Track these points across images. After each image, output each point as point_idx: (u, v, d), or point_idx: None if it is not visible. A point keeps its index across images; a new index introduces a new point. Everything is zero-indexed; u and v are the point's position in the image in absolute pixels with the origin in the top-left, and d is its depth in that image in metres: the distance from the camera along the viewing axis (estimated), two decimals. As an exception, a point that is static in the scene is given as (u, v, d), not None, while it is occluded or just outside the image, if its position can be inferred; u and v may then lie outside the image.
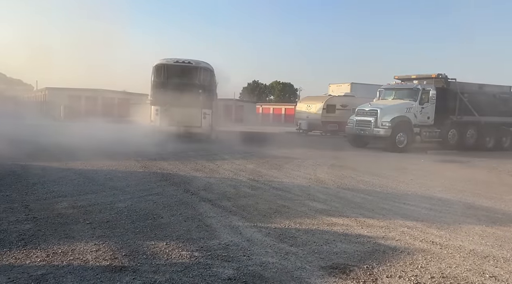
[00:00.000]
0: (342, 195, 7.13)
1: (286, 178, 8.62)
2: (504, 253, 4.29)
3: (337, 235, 4.77)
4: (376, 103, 16.44)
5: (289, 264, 3.80)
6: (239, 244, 4.32)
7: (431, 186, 8.38)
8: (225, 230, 4.81)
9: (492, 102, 17.38)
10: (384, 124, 14.98)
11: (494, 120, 17.25)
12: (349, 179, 8.84)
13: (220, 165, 10.04)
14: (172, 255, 3.94)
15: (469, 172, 10.75)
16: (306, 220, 5.34)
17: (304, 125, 22.90)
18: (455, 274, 3.69)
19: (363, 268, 3.77)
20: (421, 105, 15.55)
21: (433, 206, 6.47)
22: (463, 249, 4.37)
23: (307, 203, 6.34)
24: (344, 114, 20.78)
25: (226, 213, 5.58)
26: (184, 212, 5.52)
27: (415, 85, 16.17)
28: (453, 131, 16.46)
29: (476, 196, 7.48)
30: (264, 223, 5.16)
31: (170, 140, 14.90)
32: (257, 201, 6.35)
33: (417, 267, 3.82)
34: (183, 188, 7.11)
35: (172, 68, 15.48)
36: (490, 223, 5.48)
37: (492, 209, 6.46)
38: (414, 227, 5.20)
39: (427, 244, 4.53)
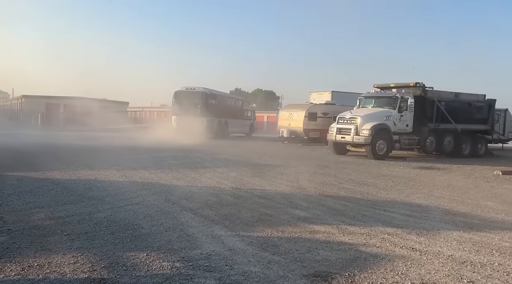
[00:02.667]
0: (324, 202, 7.18)
1: (269, 186, 8.62)
2: (481, 258, 4.38)
3: (319, 242, 4.79)
4: (356, 111, 16.68)
5: (272, 273, 3.79)
6: (221, 253, 4.28)
7: (410, 192, 8.53)
8: (207, 239, 4.77)
9: (468, 110, 17.91)
10: (364, 131, 15.20)
11: (469, 127, 17.74)
12: (330, 186, 8.91)
13: (202, 174, 9.97)
14: (152, 266, 3.87)
15: (446, 178, 11.00)
16: (289, 228, 5.35)
17: (286, 133, 23.00)
18: (434, 280, 3.75)
19: (344, 275, 3.79)
20: (400, 113, 15.86)
21: (413, 213, 6.58)
22: (441, 255, 4.45)
23: (290, 211, 6.35)
24: (325, 122, 21.00)
25: (208, 222, 5.54)
26: (165, 222, 5.44)
27: (394, 93, 16.52)
28: (431, 138, 16.83)
29: (454, 202, 7.65)
30: (247, 231, 5.14)
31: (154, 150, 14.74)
32: (239, 209, 6.33)
33: (398, 274, 3.87)
34: (164, 198, 7.02)
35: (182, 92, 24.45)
36: (467, 229, 5.60)
37: (469, 215, 6.61)
38: (395, 233, 5.27)
39: (407, 251, 4.59)
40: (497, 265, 4.18)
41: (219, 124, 24.77)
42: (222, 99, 26.79)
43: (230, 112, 27.50)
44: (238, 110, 29.69)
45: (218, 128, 24.53)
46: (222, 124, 25.25)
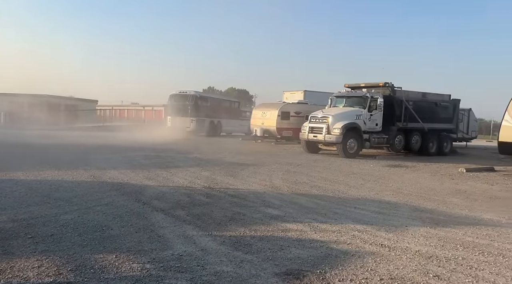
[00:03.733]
0: (296, 200, 7.24)
1: (242, 185, 8.61)
2: (446, 253, 4.54)
3: (291, 241, 4.82)
4: (328, 110, 16.92)
5: (244, 272, 3.78)
6: (193, 254, 4.23)
7: (379, 190, 8.74)
8: (178, 240, 4.70)
9: (434, 109, 18.53)
10: (335, 130, 15.45)
11: (436, 126, 18.36)
12: (303, 184, 9.00)
13: (174, 173, 9.83)
14: (122, 268, 3.78)
15: (414, 176, 11.34)
16: (261, 227, 5.35)
17: (260, 132, 23.06)
18: (402, 275, 3.85)
19: (316, 273, 3.83)
20: (369, 112, 16.21)
21: (382, 210, 6.74)
22: (409, 251, 4.58)
23: (262, 210, 6.36)
24: (298, 121, 21.18)
25: (179, 222, 5.46)
26: (135, 223, 5.33)
27: (364, 93, 16.87)
28: (400, 137, 17.30)
29: (421, 199, 7.89)
30: (219, 231, 5.11)
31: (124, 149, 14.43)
32: (212, 209, 6.28)
33: (367, 270, 3.95)
34: (135, 198, 6.88)
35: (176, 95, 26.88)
36: (434, 225, 5.80)
37: (435, 211, 6.84)
38: (364, 230, 5.38)
39: (377, 247, 4.70)
40: (461, 259, 4.34)
41: (211, 124, 27.14)
42: (215, 101, 29.44)
43: (224, 113, 29.36)
44: (234, 111, 31.36)
45: (210, 127, 26.88)
46: (214, 123, 27.62)
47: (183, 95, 26.25)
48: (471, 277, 3.84)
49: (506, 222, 6.19)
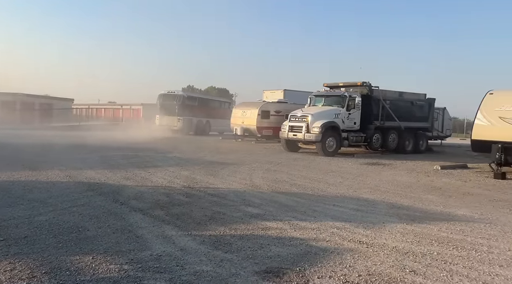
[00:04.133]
0: (276, 199, 7.27)
1: (222, 184, 8.58)
2: (421, 249, 4.65)
3: (271, 239, 4.83)
4: (307, 109, 17.06)
5: (224, 271, 3.77)
6: (172, 254, 4.19)
7: (357, 187, 8.87)
8: (157, 240, 4.65)
9: (410, 108, 18.96)
10: (315, 129, 15.59)
11: (412, 125, 18.77)
12: (283, 183, 9.04)
13: (152, 173, 9.71)
14: (99, 270, 3.70)
15: (391, 173, 11.57)
16: (241, 226, 5.35)
17: (240, 131, 23.04)
18: (379, 271, 3.92)
19: (295, 270, 3.85)
20: (348, 111, 16.44)
21: (360, 207, 6.85)
22: (386, 247, 4.67)
23: (243, 209, 6.36)
24: (278, 120, 21.26)
25: (158, 222, 5.40)
26: (113, 224, 5.24)
27: (342, 92, 17.08)
28: (377, 136, 17.61)
29: (398, 196, 8.06)
30: (199, 231, 5.08)
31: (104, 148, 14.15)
32: (191, 208, 6.23)
33: (346, 266, 4.00)
34: (112, 198, 6.75)
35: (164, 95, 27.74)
36: (410, 221, 5.92)
37: (411, 208, 6.99)
38: (343, 227, 5.45)
39: (355, 244, 4.77)
40: (436, 254, 4.45)
41: (199, 123, 28.07)
42: (203, 101, 30.34)
43: (214, 112, 30.04)
44: (224, 111, 31.63)
45: (198, 126, 27.85)
46: (203, 123, 28.51)
47: (171, 95, 27.14)
48: (445, 272, 3.94)
49: (479, 217, 6.39)
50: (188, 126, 26.62)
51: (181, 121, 26.23)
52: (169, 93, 27.58)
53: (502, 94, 12.92)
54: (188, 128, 26.71)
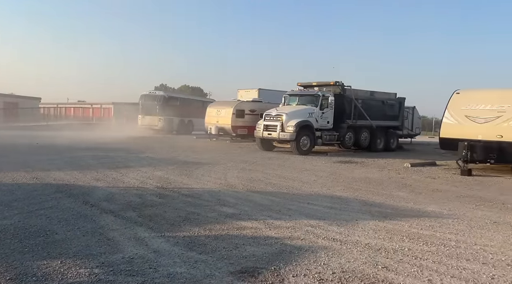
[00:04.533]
0: (252, 198, 7.26)
1: (196, 184, 8.49)
2: (393, 245, 4.75)
3: (246, 238, 4.82)
4: (281, 108, 17.15)
5: (198, 273, 3.72)
6: (144, 256, 4.10)
7: (331, 185, 8.99)
8: (129, 242, 4.54)
9: (381, 107, 19.40)
10: (289, 128, 15.69)
11: (383, 123, 19.22)
12: (258, 182, 9.04)
13: (124, 174, 9.49)
14: (67, 275, 3.57)
15: (363, 171, 11.79)
16: (216, 226, 5.30)
17: (214, 130, 22.89)
18: (353, 268, 3.97)
19: (270, 269, 3.85)
20: (321, 110, 16.63)
21: (334, 205, 6.94)
22: (359, 244, 4.75)
23: (217, 209, 6.31)
24: (253, 119, 21.26)
25: (130, 224, 5.28)
26: (83, 226, 5.07)
27: (316, 91, 17.27)
28: (350, 134, 17.92)
29: (370, 193, 8.21)
30: (172, 232, 5.00)
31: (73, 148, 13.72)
32: (165, 209, 6.13)
33: (320, 264, 4.03)
34: (82, 200, 6.55)
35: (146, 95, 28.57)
36: (382, 218, 6.05)
37: (383, 205, 7.14)
38: (317, 225, 5.50)
39: (329, 241, 4.82)
40: (407, 250, 4.56)
41: (181, 123, 28.67)
42: (186, 101, 30.97)
43: (196, 112, 29.97)
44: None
45: (180, 126, 28.42)
46: (185, 122, 29.11)
47: (152, 95, 28.18)
48: (416, 267, 4.04)
49: (447, 213, 6.60)
50: (169, 125, 27.16)
51: (162, 120, 26.87)
52: (150, 93, 28.59)
53: (468, 93, 13.42)
54: (170, 127, 27.22)
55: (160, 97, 27.62)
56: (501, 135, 11.51)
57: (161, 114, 26.91)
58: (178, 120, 28.32)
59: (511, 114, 11.61)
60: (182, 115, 28.58)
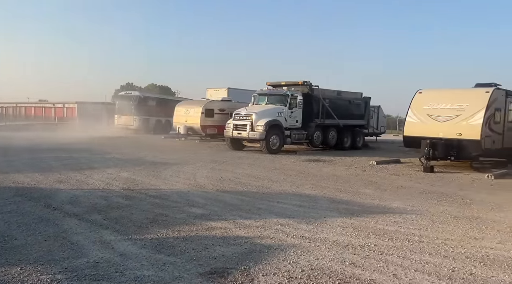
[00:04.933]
0: (221, 198, 7.22)
1: (164, 185, 8.35)
2: (360, 241, 4.87)
3: (215, 239, 4.78)
4: (251, 108, 17.18)
5: (167, 275, 3.65)
6: (110, 260, 3.98)
7: (300, 184, 9.09)
8: (94, 246, 4.39)
9: (348, 107, 19.85)
10: (259, 127, 15.74)
11: (350, 122, 19.67)
12: (227, 182, 9.01)
13: (89, 175, 9.19)
14: (28, 282, 3.41)
15: (331, 169, 12.01)
16: (185, 227, 5.23)
17: (183, 130, 22.61)
18: (321, 265, 4.03)
19: (240, 269, 3.84)
20: (290, 110, 16.80)
21: (303, 203, 7.02)
22: (328, 241, 4.82)
23: (186, 209, 6.23)
24: (222, 118, 21.15)
25: (95, 227, 5.11)
26: (45, 231, 4.87)
27: (284, 91, 17.42)
28: (318, 133, 18.20)
29: (338, 191, 8.37)
30: (140, 234, 4.88)
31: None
32: (131, 211, 5.98)
33: (290, 262, 4.07)
34: (44, 203, 6.28)
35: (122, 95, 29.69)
36: (349, 215, 6.18)
37: (350, 202, 7.30)
38: (287, 224, 5.54)
39: (298, 239, 4.86)
40: (373, 246, 4.68)
41: (158, 123, 28.76)
42: (162, 101, 30.90)
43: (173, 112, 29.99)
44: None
45: (157, 126, 28.47)
46: (162, 122, 29.18)
47: (127, 96, 28.74)
48: (382, 262, 4.15)
49: (411, 209, 6.83)
50: (145, 125, 27.41)
51: (137, 120, 27.24)
52: (126, 94, 29.42)
53: (430, 93, 13.96)
54: (145, 127, 27.39)
55: (136, 97, 27.96)
56: (460, 133, 12.05)
57: (137, 114, 27.19)
58: (155, 120, 28.48)
59: (469, 113, 12.17)
60: (159, 115, 28.68)
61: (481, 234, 5.35)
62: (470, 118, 12.11)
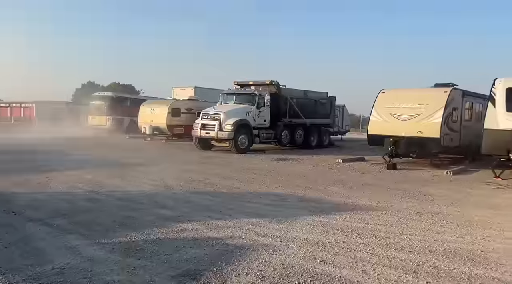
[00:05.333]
0: (191, 199, 7.14)
1: (131, 187, 8.16)
2: (329, 238, 4.97)
3: (186, 241, 4.73)
4: (219, 107, 17.10)
5: (137, 279, 3.58)
6: (77, 266, 3.85)
7: (270, 183, 9.15)
8: (59, 252, 4.23)
9: (314, 106, 20.19)
10: (227, 127, 15.70)
11: (316, 122, 20.01)
12: (197, 182, 8.92)
13: (51, 178, 8.81)
14: (-12, 293, 3.23)
15: (299, 168, 12.18)
16: (155, 230, 5.14)
17: (149, 129, 22.16)
18: (293, 263, 4.08)
19: (213, 271, 3.82)
20: (258, 109, 16.88)
21: (273, 202, 7.07)
22: (298, 239, 4.89)
23: (155, 211, 6.11)
24: (189, 118, 20.93)
25: (60, 232, 4.92)
26: (4, 237, 4.63)
27: (252, 91, 17.48)
28: (286, 132, 18.40)
29: (306, 189, 8.50)
30: (108, 238, 4.75)
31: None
32: (98, 215, 5.80)
33: (262, 262, 4.09)
34: (2, 208, 5.97)
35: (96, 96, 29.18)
36: (318, 213, 6.29)
37: (319, 200, 7.43)
38: (258, 223, 5.57)
39: (269, 239, 4.90)
40: (342, 243, 4.79)
41: (132, 123, 27.87)
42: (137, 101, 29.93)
43: None
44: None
45: (130, 126, 27.77)
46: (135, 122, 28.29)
47: (101, 96, 28.94)
48: (351, 258, 4.26)
49: (377, 205, 7.05)
50: (118, 125, 27.37)
51: (110, 120, 27.29)
52: (99, 94, 29.55)
53: (393, 93, 14.44)
54: (119, 127, 27.30)
55: (108, 98, 28.16)
56: (421, 131, 12.56)
57: (110, 114, 27.22)
58: (129, 120, 28.06)
59: (429, 112, 12.70)
60: (133, 115, 27.92)
61: (442, 228, 5.61)
62: (430, 117, 12.64)
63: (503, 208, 7.07)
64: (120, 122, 27.62)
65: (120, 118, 27.67)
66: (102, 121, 27.16)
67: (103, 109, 27.33)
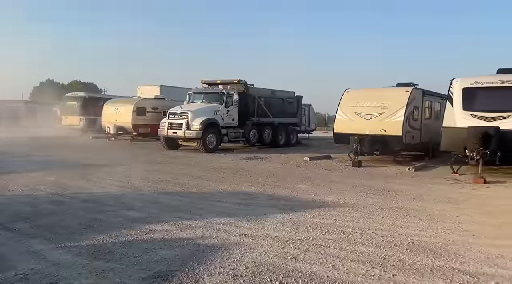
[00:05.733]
0: (159, 200, 7.04)
1: (96, 188, 7.92)
2: (299, 235, 5.06)
3: (156, 242, 4.67)
4: (187, 106, 16.92)
5: (107, 282, 3.50)
6: (43, 271, 3.71)
7: (239, 182, 9.17)
8: (22, 257, 4.05)
9: (282, 105, 20.41)
10: (195, 126, 15.56)
11: (284, 120, 20.24)
12: (165, 182, 8.79)
13: (10, 180, 8.41)
14: None
15: (268, 166, 12.27)
16: (123, 232, 5.03)
17: (113, 129, 21.56)
18: (264, 261, 4.13)
19: (184, 271, 3.80)
20: (226, 108, 16.85)
21: (243, 201, 7.10)
22: (269, 237, 4.95)
23: (123, 213, 5.98)
24: (155, 117, 20.57)
25: (22, 237, 4.71)
26: (-39, 244, 4.38)
27: (220, 89, 17.42)
28: (254, 131, 18.49)
29: (275, 187, 8.59)
30: (74, 241, 4.60)
31: None
32: (62, 218, 5.61)
33: (234, 261, 4.11)
34: (-43, 214, 5.64)
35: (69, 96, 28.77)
36: (288, 211, 6.38)
37: (288, 198, 7.54)
38: (228, 222, 5.58)
39: (240, 237, 4.93)
40: (312, 239, 4.89)
41: None
42: None
43: None
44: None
45: None
46: None
47: (74, 96, 28.82)
48: (320, 254, 4.36)
49: (344, 202, 7.24)
50: (91, 125, 26.97)
51: (82, 120, 27.12)
52: (72, 95, 29.49)
53: (357, 92, 14.84)
54: (92, 127, 26.86)
55: (81, 98, 28.13)
56: (384, 129, 12.99)
57: (82, 114, 27.02)
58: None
59: (391, 111, 13.17)
60: None
61: (406, 223, 5.85)
62: (392, 115, 13.10)
63: (460, 202, 7.46)
64: (93, 122, 27.05)
65: (93, 118, 27.03)
66: (75, 121, 26.94)
67: (76, 109, 27.14)
